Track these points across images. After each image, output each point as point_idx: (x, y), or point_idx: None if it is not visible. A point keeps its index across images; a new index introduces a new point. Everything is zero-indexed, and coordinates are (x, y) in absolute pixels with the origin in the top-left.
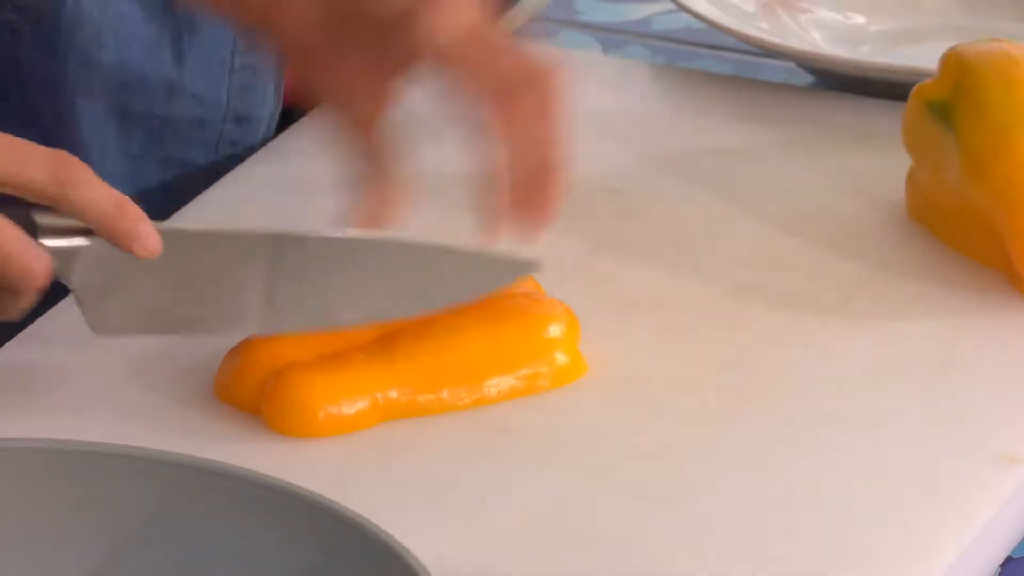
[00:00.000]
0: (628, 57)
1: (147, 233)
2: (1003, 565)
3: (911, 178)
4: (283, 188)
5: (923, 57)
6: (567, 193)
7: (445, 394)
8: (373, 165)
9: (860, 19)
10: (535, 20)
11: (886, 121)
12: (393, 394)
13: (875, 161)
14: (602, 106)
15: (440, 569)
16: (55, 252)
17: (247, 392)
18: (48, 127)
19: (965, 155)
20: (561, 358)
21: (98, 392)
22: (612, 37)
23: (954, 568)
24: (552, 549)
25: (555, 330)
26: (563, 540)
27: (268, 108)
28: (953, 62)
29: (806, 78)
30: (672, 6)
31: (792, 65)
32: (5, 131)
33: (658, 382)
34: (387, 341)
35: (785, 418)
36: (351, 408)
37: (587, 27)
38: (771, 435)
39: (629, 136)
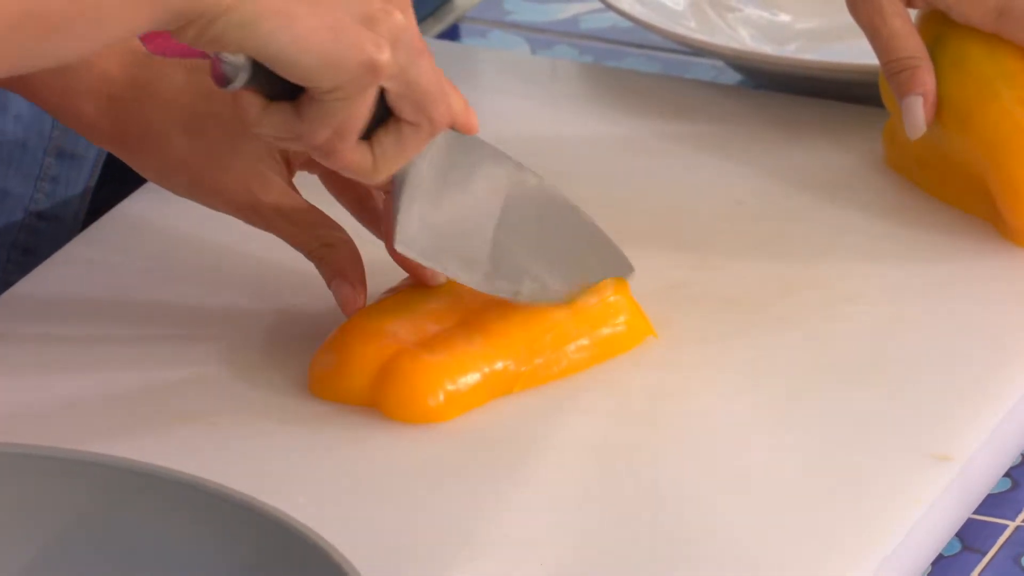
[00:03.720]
0: (556, 57)
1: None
2: (934, 564)
3: (889, 130)
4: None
5: (848, 54)
6: None
7: (540, 361)
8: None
9: (786, 17)
10: (463, 20)
11: (813, 118)
12: (499, 366)
13: (802, 156)
14: (530, 106)
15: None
16: None
17: (353, 385)
18: None
19: (948, 106)
20: (627, 318)
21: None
22: (540, 37)
23: (885, 567)
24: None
25: (617, 290)
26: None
27: (95, 151)
28: (934, 16)
29: (734, 76)
30: (600, 5)
31: (720, 63)
32: None
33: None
34: (474, 321)
35: (716, 415)
36: (468, 385)
37: (516, 27)
38: (706, 428)
39: (557, 135)
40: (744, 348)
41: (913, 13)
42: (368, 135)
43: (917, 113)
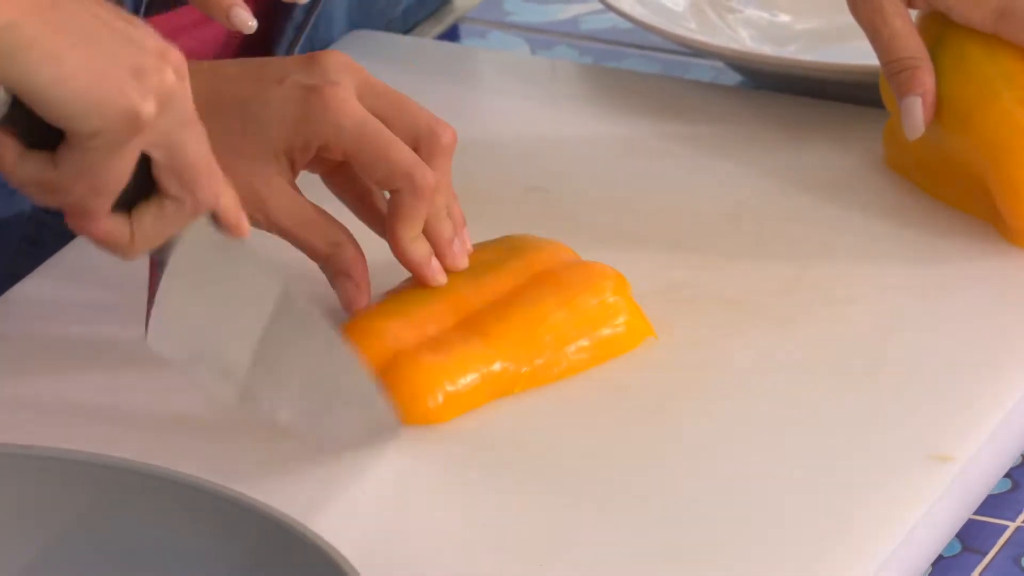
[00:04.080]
0: (556, 57)
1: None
2: (934, 564)
3: (889, 130)
4: None
5: (849, 55)
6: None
7: (540, 362)
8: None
9: (786, 18)
10: (463, 21)
11: (813, 119)
12: (498, 367)
13: (802, 157)
14: (530, 106)
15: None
16: None
17: None
18: None
19: (947, 107)
20: (627, 318)
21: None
22: (540, 37)
23: (885, 568)
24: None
25: (616, 290)
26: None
27: None
28: (934, 17)
29: (734, 77)
30: (599, 6)
31: (720, 64)
32: None
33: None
34: (474, 322)
35: (716, 415)
36: (467, 386)
37: (515, 28)
38: (706, 429)
39: (557, 136)
40: (744, 349)
41: (914, 13)
42: (129, 208)
43: (916, 113)
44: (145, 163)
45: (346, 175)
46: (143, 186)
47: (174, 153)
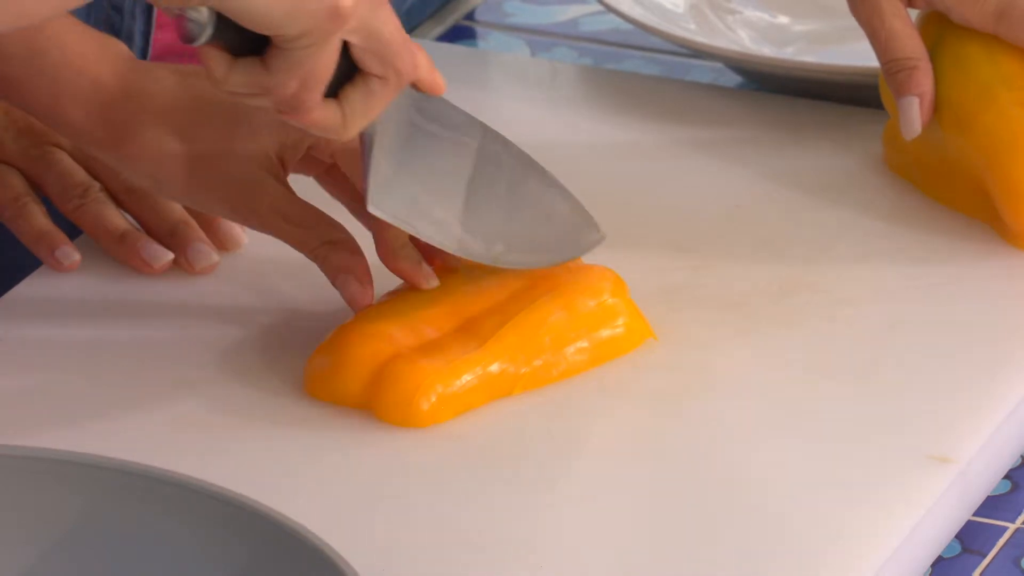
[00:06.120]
0: (556, 59)
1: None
2: (934, 566)
3: (888, 131)
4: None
5: (848, 56)
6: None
7: (539, 363)
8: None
9: (785, 19)
10: (463, 22)
11: (813, 120)
12: (495, 369)
13: (802, 158)
14: (530, 108)
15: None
16: None
17: (349, 388)
18: None
19: (947, 109)
20: (626, 320)
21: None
22: (540, 39)
23: (885, 568)
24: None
25: (615, 292)
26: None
27: None
28: (934, 18)
29: (734, 78)
30: (599, 8)
31: (720, 66)
32: None
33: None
34: (471, 325)
35: (715, 417)
36: (462, 389)
37: (516, 29)
38: (706, 430)
39: (557, 137)
40: (744, 350)
41: (914, 14)
42: (335, 94)
43: (913, 114)
44: (345, 49)
45: (340, 176)
46: (346, 70)
47: (372, 35)
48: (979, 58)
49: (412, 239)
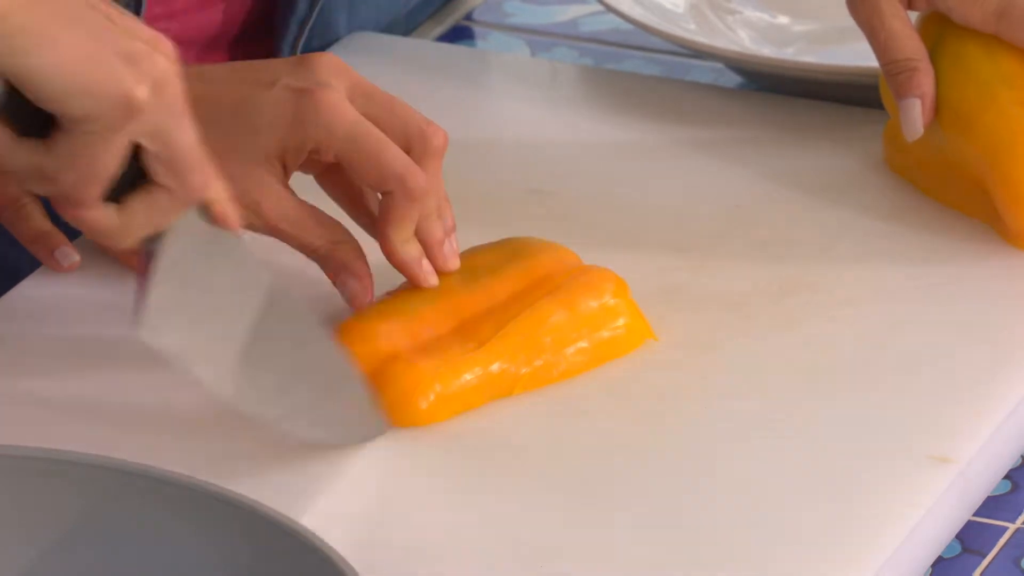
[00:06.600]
0: (556, 59)
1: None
2: (934, 566)
3: (889, 131)
4: None
5: (848, 56)
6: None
7: (539, 363)
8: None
9: (785, 19)
10: (463, 22)
11: (813, 120)
12: (494, 368)
13: (802, 159)
14: (530, 108)
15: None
16: None
17: None
18: None
19: (947, 108)
20: (626, 320)
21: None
22: (540, 39)
23: (885, 569)
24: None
25: (616, 293)
26: None
27: None
28: (934, 18)
29: (734, 79)
30: (600, 8)
31: (720, 66)
32: None
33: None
34: (470, 325)
35: (716, 417)
36: (460, 388)
37: (516, 29)
38: (706, 430)
39: (557, 138)
40: (743, 350)
41: (914, 15)
42: (118, 200)
43: (914, 115)
44: (135, 154)
45: (339, 176)
46: (133, 177)
47: (165, 141)
48: (979, 58)
49: (415, 234)
